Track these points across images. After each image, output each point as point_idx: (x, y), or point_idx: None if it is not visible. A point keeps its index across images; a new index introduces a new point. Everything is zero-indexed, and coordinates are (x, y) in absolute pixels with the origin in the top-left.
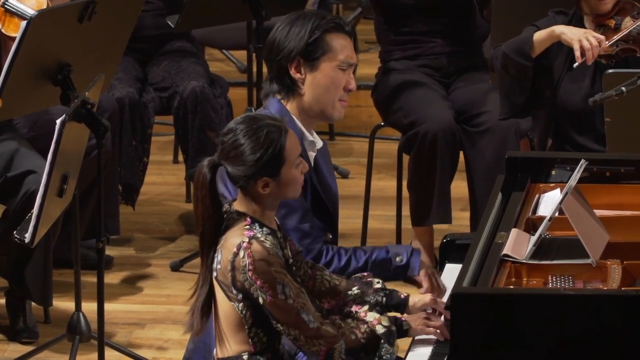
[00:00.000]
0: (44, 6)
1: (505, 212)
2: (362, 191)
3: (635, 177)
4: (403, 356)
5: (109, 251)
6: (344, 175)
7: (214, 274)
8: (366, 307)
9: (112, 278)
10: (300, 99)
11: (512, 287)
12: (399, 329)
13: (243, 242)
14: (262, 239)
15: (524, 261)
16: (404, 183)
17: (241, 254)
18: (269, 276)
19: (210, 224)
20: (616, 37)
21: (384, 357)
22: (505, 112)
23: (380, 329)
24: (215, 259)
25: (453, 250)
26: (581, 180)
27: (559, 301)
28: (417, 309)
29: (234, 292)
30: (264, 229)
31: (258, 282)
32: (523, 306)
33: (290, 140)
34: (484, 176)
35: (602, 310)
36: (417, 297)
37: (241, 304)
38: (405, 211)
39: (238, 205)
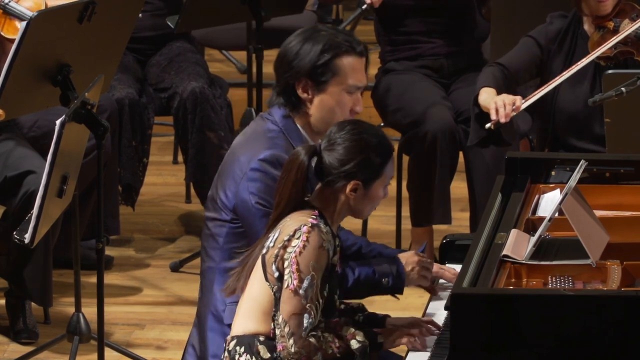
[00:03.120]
0: (42, 7)
1: (505, 213)
2: None
3: (634, 178)
4: (403, 355)
5: (109, 252)
6: None
7: (264, 250)
8: (342, 320)
9: (111, 279)
10: (306, 116)
11: (511, 287)
12: (373, 342)
13: (305, 225)
14: (325, 231)
15: (523, 262)
16: (404, 183)
17: (297, 234)
18: (306, 268)
19: (290, 206)
20: (614, 40)
21: None
22: (472, 140)
23: (354, 344)
24: (270, 237)
25: (453, 250)
26: (581, 181)
27: (559, 302)
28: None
29: (273, 268)
30: (328, 227)
31: (294, 267)
32: (523, 307)
33: (391, 163)
34: (484, 177)
35: (602, 310)
36: (394, 320)
37: (276, 287)
38: (405, 212)
39: (313, 200)
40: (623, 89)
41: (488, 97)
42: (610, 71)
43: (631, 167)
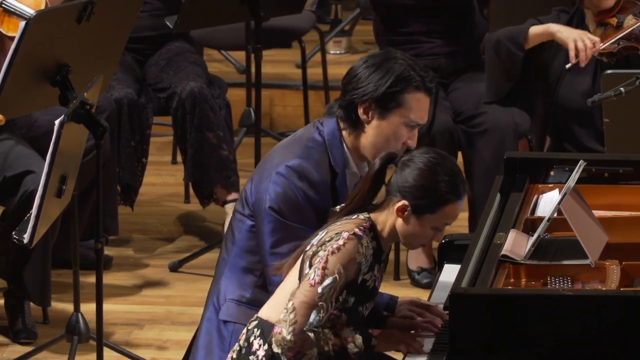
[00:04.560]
0: (42, 5)
1: (503, 213)
2: None
3: (633, 178)
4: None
5: (108, 252)
6: None
7: (307, 247)
8: (344, 318)
9: (110, 278)
10: (359, 136)
11: (510, 287)
12: (367, 344)
13: (348, 232)
14: (365, 245)
15: (522, 262)
16: None
17: (337, 237)
18: (332, 269)
19: (352, 205)
20: (618, 36)
21: None
22: (490, 96)
23: (352, 348)
24: (318, 236)
25: (452, 250)
26: (580, 181)
27: (558, 302)
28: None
29: (307, 266)
30: (374, 243)
31: (322, 263)
32: (522, 307)
33: (454, 207)
34: (483, 177)
35: (601, 310)
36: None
37: None
38: None
39: (374, 209)
40: (622, 89)
41: (566, 31)
42: (609, 71)
43: (630, 167)
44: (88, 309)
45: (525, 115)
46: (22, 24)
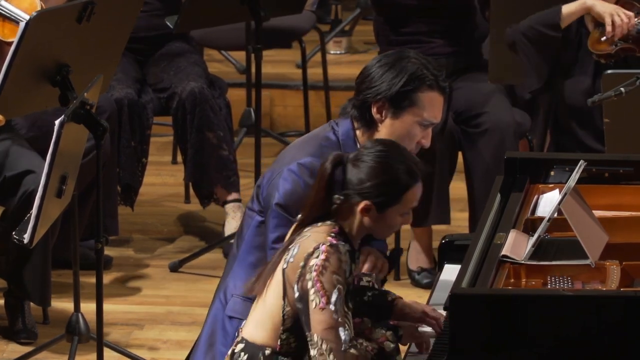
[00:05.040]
0: (37, 8)
1: (504, 213)
2: None
3: (634, 178)
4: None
5: (108, 252)
6: None
7: (284, 265)
8: (368, 322)
9: (110, 279)
10: (372, 136)
11: (510, 288)
12: (396, 337)
13: (323, 244)
14: (342, 251)
15: (522, 262)
16: None
17: (316, 253)
18: (330, 285)
19: (313, 214)
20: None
21: None
22: (534, 84)
23: (389, 346)
24: (290, 252)
25: (452, 251)
26: (580, 181)
27: (558, 302)
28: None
29: (295, 288)
30: (347, 245)
31: (318, 285)
32: (522, 307)
33: (415, 191)
34: (483, 177)
35: (601, 311)
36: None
37: (289, 308)
38: None
39: (336, 212)
40: (622, 89)
41: (601, 6)
42: (609, 71)
43: (630, 167)
44: (88, 309)
45: (525, 115)
46: (22, 24)
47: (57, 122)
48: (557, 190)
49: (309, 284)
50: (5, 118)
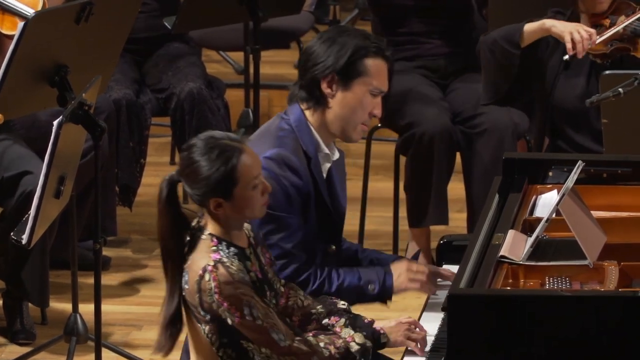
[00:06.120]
0: (39, 4)
1: (502, 214)
2: (359, 193)
3: (632, 179)
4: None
5: (106, 252)
6: None
7: (183, 292)
8: (342, 322)
9: (109, 279)
10: (324, 112)
11: (509, 288)
12: (377, 342)
13: (208, 265)
14: (228, 263)
15: (521, 262)
16: (401, 184)
17: (207, 277)
18: (236, 298)
19: (169, 241)
20: (608, 33)
21: None
22: (488, 98)
23: (354, 347)
24: (183, 279)
25: (450, 251)
26: (578, 182)
27: (556, 302)
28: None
29: (202, 313)
30: (231, 249)
31: (225, 304)
32: (520, 307)
33: (245, 161)
34: (481, 177)
35: (600, 311)
36: (382, 322)
37: (207, 327)
38: (403, 212)
39: (206, 223)
40: (620, 89)
41: (560, 25)
42: (607, 72)
43: (628, 167)
44: (86, 309)
45: (524, 115)
46: (21, 24)
47: (55, 122)
48: (555, 191)
49: (215, 305)
50: (4, 118)
